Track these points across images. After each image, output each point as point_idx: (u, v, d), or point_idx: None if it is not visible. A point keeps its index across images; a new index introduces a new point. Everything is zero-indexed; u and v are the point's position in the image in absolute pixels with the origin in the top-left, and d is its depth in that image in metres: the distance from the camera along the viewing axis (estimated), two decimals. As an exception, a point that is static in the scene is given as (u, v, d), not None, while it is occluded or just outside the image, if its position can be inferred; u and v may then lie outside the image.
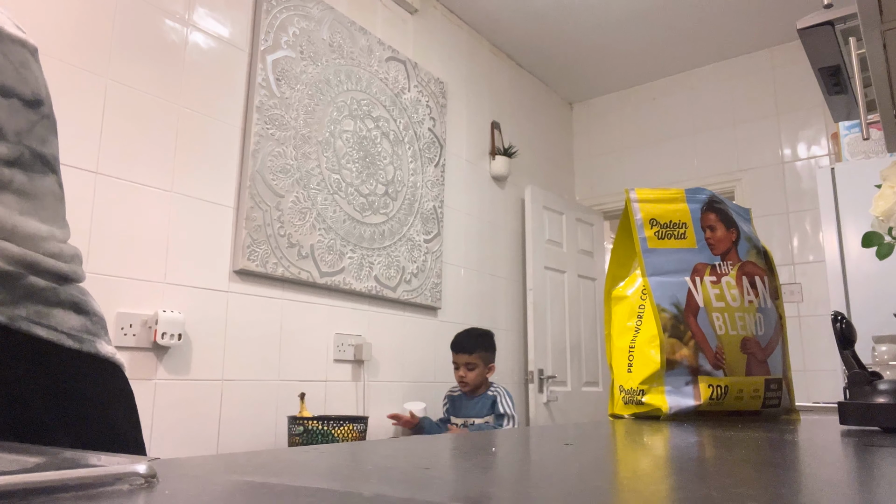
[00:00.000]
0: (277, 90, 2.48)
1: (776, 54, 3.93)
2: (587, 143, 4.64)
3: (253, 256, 2.31)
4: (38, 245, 0.74)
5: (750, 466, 0.35)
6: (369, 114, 2.90)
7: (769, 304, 0.82)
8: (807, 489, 0.28)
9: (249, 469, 0.33)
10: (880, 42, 0.93)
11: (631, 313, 0.82)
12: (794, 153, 3.79)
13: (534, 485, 0.28)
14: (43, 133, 0.78)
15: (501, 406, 2.70)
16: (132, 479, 0.26)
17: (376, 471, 0.32)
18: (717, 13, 3.61)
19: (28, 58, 0.76)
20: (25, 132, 0.74)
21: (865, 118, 1.28)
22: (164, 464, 0.33)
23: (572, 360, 3.93)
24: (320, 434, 2.16)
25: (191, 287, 2.15)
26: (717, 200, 0.84)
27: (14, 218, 0.71)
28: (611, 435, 0.56)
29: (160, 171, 2.11)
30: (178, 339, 2.04)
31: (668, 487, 0.28)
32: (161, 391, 2.03)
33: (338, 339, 2.64)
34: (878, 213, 1.23)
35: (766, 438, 0.50)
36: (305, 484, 0.27)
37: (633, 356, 0.79)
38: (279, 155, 2.45)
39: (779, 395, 0.79)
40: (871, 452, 0.42)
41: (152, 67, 2.13)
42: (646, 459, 0.41)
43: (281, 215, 2.42)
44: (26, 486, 0.24)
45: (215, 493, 0.26)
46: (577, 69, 4.25)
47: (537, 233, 3.82)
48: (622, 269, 0.86)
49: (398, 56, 3.12)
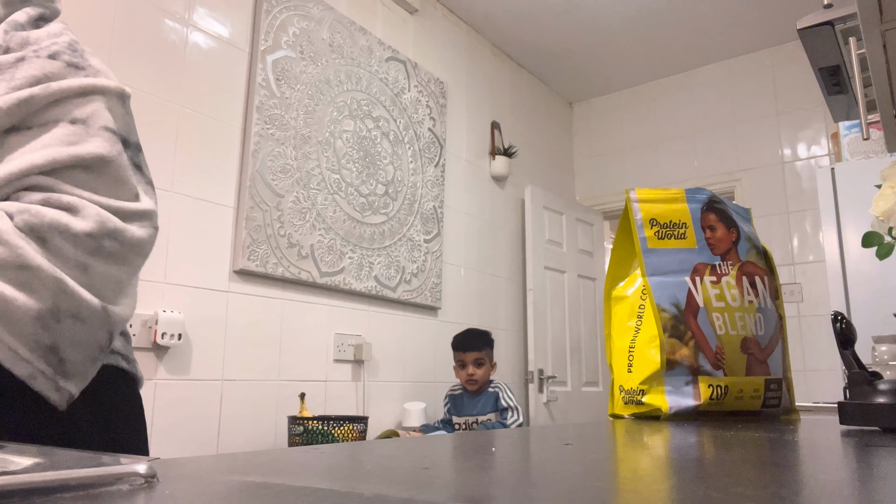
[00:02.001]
0: (277, 90, 2.48)
1: (776, 54, 3.93)
2: (587, 143, 4.64)
3: (253, 256, 2.31)
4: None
5: (750, 466, 0.35)
6: (369, 114, 2.90)
7: (769, 304, 0.82)
8: (807, 489, 0.28)
9: (249, 469, 0.33)
10: (880, 42, 0.93)
11: (631, 313, 0.82)
12: (794, 153, 3.79)
13: (534, 485, 0.28)
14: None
15: (504, 400, 2.72)
16: (132, 479, 0.26)
17: (376, 471, 0.32)
18: (717, 13, 3.61)
19: (129, 107, 0.78)
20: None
21: (865, 118, 1.28)
22: (164, 464, 0.33)
23: (572, 360, 3.93)
24: (320, 434, 2.16)
25: (191, 287, 2.15)
26: (717, 200, 0.84)
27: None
28: (611, 435, 0.56)
29: (160, 171, 2.11)
30: (178, 339, 2.04)
31: (669, 487, 0.28)
32: (161, 391, 2.03)
33: (338, 339, 2.64)
34: (878, 213, 1.23)
35: (766, 438, 0.50)
36: (305, 484, 0.27)
37: (633, 356, 0.79)
38: (279, 155, 2.45)
39: (779, 395, 0.79)
40: (871, 452, 0.42)
41: (152, 67, 2.13)
42: (646, 459, 0.41)
43: (281, 215, 2.42)
44: (26, 486, 0.24)
45: (215, 493, 0.26)
46: (577, 69, 4.25)
47: (537, 233, 3.82)
48: (622, 269, 0.86)
49: (398, 56, 3.12)
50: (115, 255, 0.66)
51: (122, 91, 0.75)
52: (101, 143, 0.68)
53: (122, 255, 0.67)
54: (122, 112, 0.75)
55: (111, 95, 0.74)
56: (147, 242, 0.70)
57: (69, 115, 0.68)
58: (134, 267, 0.69)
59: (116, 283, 0.67)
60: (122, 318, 0.69)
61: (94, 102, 0.71)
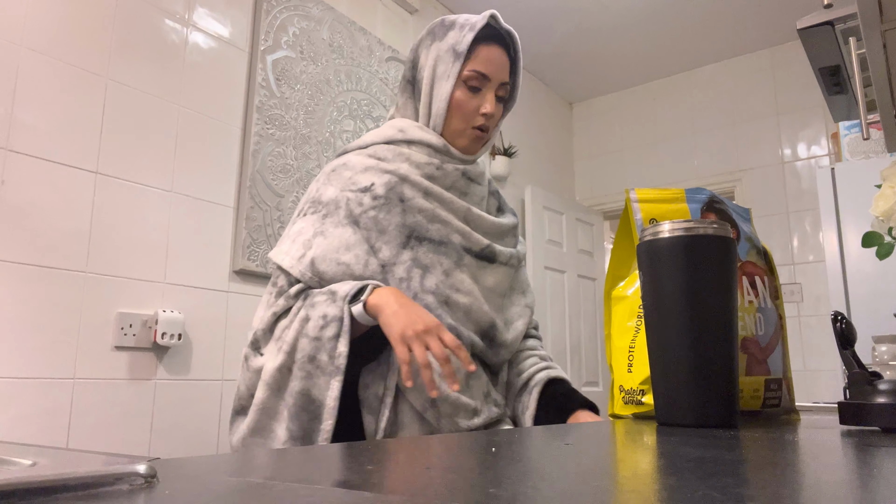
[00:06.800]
0: (277, 90, 2.48)
1: (776, 54, 3.93)
2: (587, 143, 4.64)
3: (253, 256, 2.31)
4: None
5: (750, 466, 0.35)
6: (369, 114, 2.90)
7: (769, 304, 0.82)
8: (807, 489, 0.28)
9: (249, 469, 0.33)
10: (880, 42, 0.93)
11: (631, 313, 0.82)
12: (794, 153, 3.79)
13: (534, 485, 0.28)
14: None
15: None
16: (132, 479, 0.26)
17: (376, 471, 0.32)
18: (717, 13, 3.61)
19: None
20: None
21: (865, 118, 1.28)
22: (164, 464, 0.33)
23: (572, 360, 3.93)
24: (320, 434, 2.16)
25: (191, 287, 2.15)
26: (717, 200, 0.84)
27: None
28: (611, 435, 0.56)
29: (160, 171, 2.11)
30: (178, 339, 2.04)
31: (668, 487, 0.28)
32: (161, 391, 2.03)
33: (338, 339, 2.64)
34: (878, 213, 1.23)
35: (766, 438, 0.50)
36: (305, 484, 0.27)
37: (633, 356, 0.79)
38: (279, 155, 2.45)
39: (779, 395, 0.79)
40: (871, 452, 0.42)
41: (152, 67, 2.13)
42: (646, 459, 0.41)
43: (281, 215, 2.42)
44: (26, 486, 0.24)
45: (215, 493, 0.26)
46: (577, 69, 4.25)
47: (537, 233, 3.81)
48: (622, 269, 0.86)
49: (398, 56, 3.12)
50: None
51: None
52: None
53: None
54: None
55: None
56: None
57: None
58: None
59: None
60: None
61: None
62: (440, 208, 1.09)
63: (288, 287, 1.05)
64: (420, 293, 1.03)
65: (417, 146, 1.12)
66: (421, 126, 1.14)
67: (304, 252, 1.04)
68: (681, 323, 0.63)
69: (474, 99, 1.11)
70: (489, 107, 1.11)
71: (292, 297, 1.03)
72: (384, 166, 1.09)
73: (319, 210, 1.08)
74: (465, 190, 1.15)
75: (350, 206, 1.06)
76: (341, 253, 1.03)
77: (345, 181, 1.09)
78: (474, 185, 1.17)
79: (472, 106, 1.11)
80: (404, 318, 0.91)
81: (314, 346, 0.96)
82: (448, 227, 1.08)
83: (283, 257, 1.06)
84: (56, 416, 1.77)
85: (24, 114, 1.80)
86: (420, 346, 0.90)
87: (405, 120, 1.17)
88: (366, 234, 1.04)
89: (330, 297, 0.98)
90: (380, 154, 1.12)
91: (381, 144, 1.14)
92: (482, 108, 1.11)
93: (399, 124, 1.16)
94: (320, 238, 1.05)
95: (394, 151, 1.12)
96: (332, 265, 1.02)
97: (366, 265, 1.02)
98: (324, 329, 0.96)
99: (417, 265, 1.04)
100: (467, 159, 1.16)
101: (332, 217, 1.07)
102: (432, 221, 1.07)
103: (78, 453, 0.38)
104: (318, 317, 0.97)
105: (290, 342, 0.98)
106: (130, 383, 1.95)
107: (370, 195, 1.06)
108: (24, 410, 1.71)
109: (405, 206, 1.06)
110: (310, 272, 1.03)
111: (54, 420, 1.77)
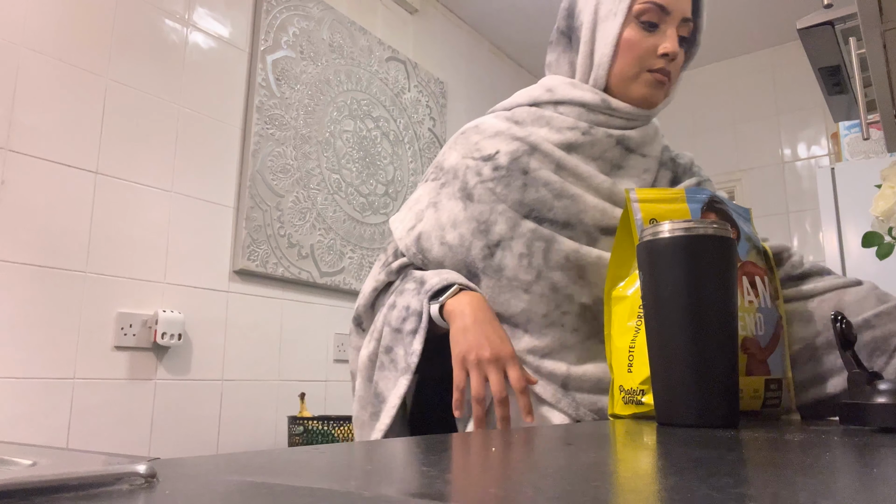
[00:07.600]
0: (277, 90, 2.48)
1: (776, 54, 3.93)
2: (587, 143, 4.63)
3: (253, 256, 2.31)
4: None
5: (750, 466, 0.35)
6: (369, 114, 2.90)
7: (769, 304, 0.82)
8: (807, 489, 0.28)
9: (249, 469, 0.33)
10: (880, 42, 0.93)
11: (631, 313, 0.82)
12: (794, 153, 3.79)
13: (534, 485, 0.28)
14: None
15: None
16: (132, 479, 0.26)
17: (376, 471, 0.32)
18: (717, 13, 3.61)
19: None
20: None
21: (865, 118, 1.28)
22: (164, 464, 0.33)
23: (572, 360, 3.93)
24: (320, 434, 2.16)
25: (191, 287, 2.15)
26: (718, 200, 0.84)
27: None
28: (611, 435, 0.56)
29: (160, 171, 2.11)
30: (178, 339, 2.04)
31: (668, 487, 0.28)
32: (161, 391, 2.03)
33: (338, 339, 2.64)
34: (878, 213, 1.22)
35: (766, 438, 0.50)
36: (305, 484, 0.27)
37: (633, 356, 0.79)
38: (279, 155, 2.45)
39: (779, 395, 0.79)
40: (871, 452, 0.42)
41: (152, 68, 2.13)
42: (646, 459, 0.41)
43: (281, 215, 2.42)
44: (26, 486, 0.24)
45: (215, 493, 0.26)
46: (577, 69, 4.24)
47: (537, 233, 3.81)
48: (622, 269, 0.86)
49: (398, 56, 3.12)
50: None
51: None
52: None
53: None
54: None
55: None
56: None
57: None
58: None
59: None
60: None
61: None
62: (573, 183, 0.91)
63: (393, 259, 0.98)
64: (545, 270, 0.88)
65: (566, 106, 0.95)
66: (574, 83, 0.95)
67: (415, 224, 0.96)
68: (681, 323, 0.63)
69: (651, 37, 0.90)
70: (670, 45, 0.89)
71: (394, 272, 0.96)
72: (516, 132, 0.94)
73: (440, 177, 0.98)
74: (620, 162, 0.95)
75: (466, 177, 0.94)
76: (447, 231, 0.92)
77: (469, 147, 0.97)
78: (634, 156, 0.96)
79: (647, 45, 0.90)
80: (472, 338, 0.82)
81: (393, 337, 0.89)
82: (578, 203, 0.90)
83: (397, 225, 0.99)
84: (56, 416, 1.77)
85: (24, 114, 1.80)
86: (479, 375, 0.80)
87: (557, 77, 0.99)
88: (477, 211, 0.91)
89: (418, 286, 0.89)
90: (518, 117, 0.97)
91: (524, 106, 0.98)
92: (662, 46, 0.90)
93: (549, 83, 0.98)
94: (431, 210, 0.95)
95: (534, 115, 0.96)
96: (435, 244, 0.93)
97: (469, 248, 0.90)
98: (405, 322, 0.88)
99: (539, 237, 0.89)
100: (640, 115, 0.94)
101: (448, 187, 0.96)
102: (559, 198, 0.90)
103: (78, 453, 0.38)
104: (402, 307, 0.89)
105: (379, 329, 0.92)
106: (130, 383, 1.95)
107: (491, 165, 0.92)
108: (24, 410, 1.71)
109: (527, 178, 0.90)
110: (415, 247, 0.95)
111: (54, 420, 1.77)
